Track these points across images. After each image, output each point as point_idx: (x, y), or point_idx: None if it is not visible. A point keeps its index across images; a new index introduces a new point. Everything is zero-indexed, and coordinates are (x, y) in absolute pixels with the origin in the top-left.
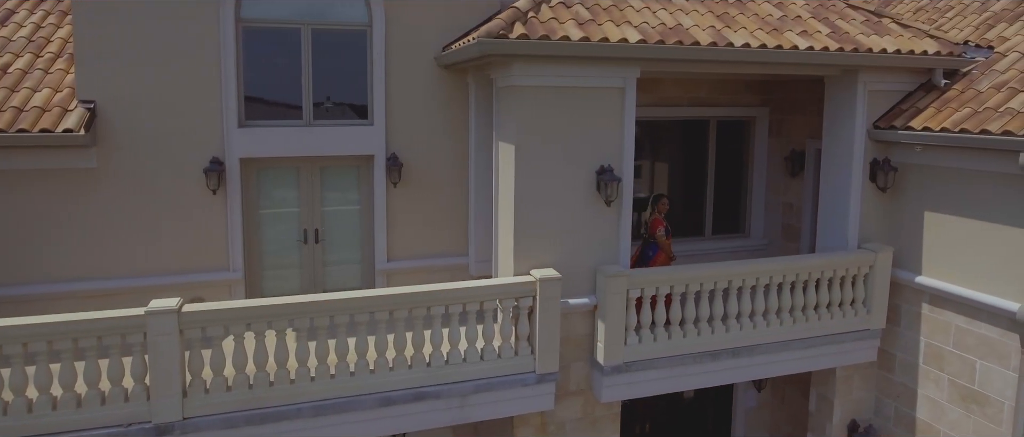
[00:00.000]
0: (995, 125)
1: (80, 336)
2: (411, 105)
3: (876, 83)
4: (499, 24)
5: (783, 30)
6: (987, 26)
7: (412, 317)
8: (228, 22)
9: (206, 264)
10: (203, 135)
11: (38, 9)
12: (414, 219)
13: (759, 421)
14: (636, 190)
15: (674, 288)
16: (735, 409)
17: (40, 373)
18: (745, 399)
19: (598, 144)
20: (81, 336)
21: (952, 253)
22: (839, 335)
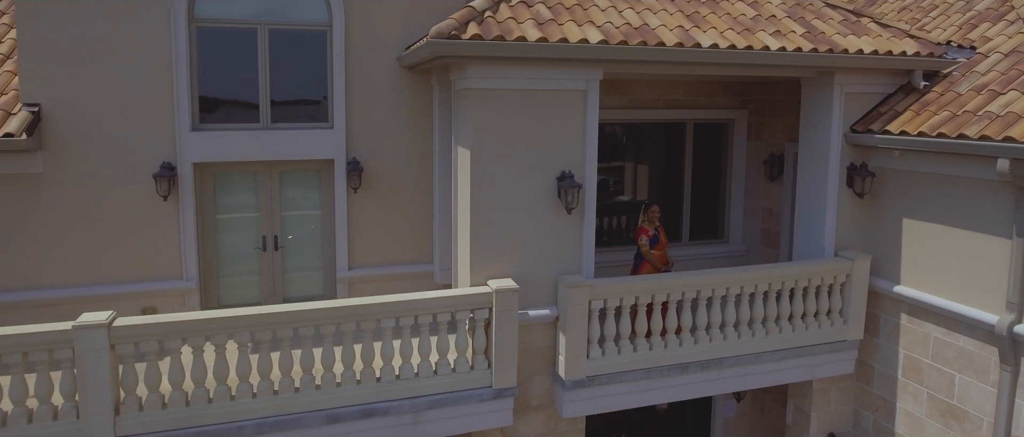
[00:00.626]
0: (973, 129)
1: (5, 352)
2: (373, 108)
3: (853, 85)
4: (451, 24)
5: (755, 30)
6: (970, 26)
7: (361, 330)
8: (180, 22)
9: (158, 273)
10: (154, 139)
11: None
12: (376, 225)
13: (738, 431)
14: (607, 196)
15: (640, 299)
16: (714, 419)
17: None
18: (724, 409)
19: (559, 149)
20: (6, 352)
21: (931, 262)
22: (814, 347)
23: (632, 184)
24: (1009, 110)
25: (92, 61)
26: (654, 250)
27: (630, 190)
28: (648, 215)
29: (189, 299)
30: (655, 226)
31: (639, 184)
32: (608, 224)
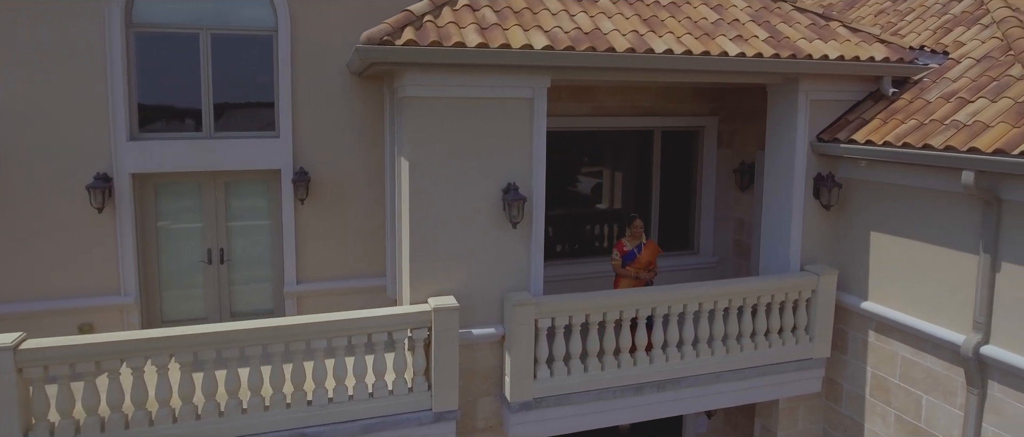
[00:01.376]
0: (938, 139)
1: None
2: (321, 115)
3: (819, 92)
4: (384, 29)
5: (715, 35)
6: (945, 30)
7: (290, 351)
8: (116, 26)
9: (95, 288)
10: (88, 149)
11: None
12: (325, 238)
13: None
14: (585, 204)
15: (591, 317)
16: (684, 436)
17: None
18: (695, 426)
19: (504, 160)
20: None
21: (898, 278)
22: (779, 365)
23: (600, 193)
24: (976, 119)
25: (19, 67)
26: (630, 266)
27: (598, 199)
28: (631, 229)
29: (128, 315)
30: (637, 241)
31: (606, 193)
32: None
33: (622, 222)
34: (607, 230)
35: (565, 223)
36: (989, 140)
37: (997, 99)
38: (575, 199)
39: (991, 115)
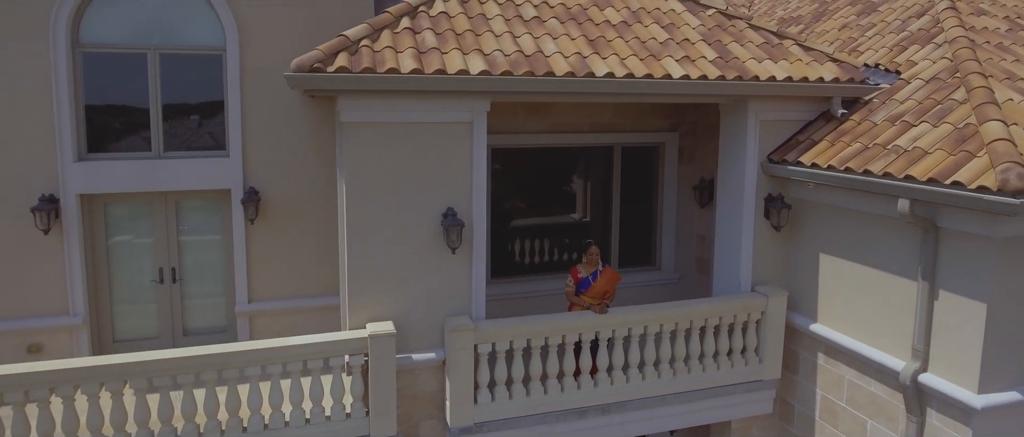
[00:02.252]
0: (878, 165)
1: None
2: (272, 135)
3: (769, 113)
4: (315, 56)
5: (661, 56)
6: (901, 48)
7: (223, 378)
8: (61, 46)
9: (42, 309)
10: (33, 170)
11: None
12: (277, 257)
13: None
14: (528, 221)
15: (533, 341)
16: None
17: None
18: None
19: (443, 185)
20: None
21: (845, 301)
22: (728, 387)
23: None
24: (916, 145)
25: None
26: (584, 294)
27: (559, 215)
28: (587, 256)
29: (77, 335)
30: (593, 268)
31: (564, 209)
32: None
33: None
34: (570, 245)
35: (527, 239)
36: (925, 168)
37: (938, 124)
38: (537, 215)
39: (930, 141)
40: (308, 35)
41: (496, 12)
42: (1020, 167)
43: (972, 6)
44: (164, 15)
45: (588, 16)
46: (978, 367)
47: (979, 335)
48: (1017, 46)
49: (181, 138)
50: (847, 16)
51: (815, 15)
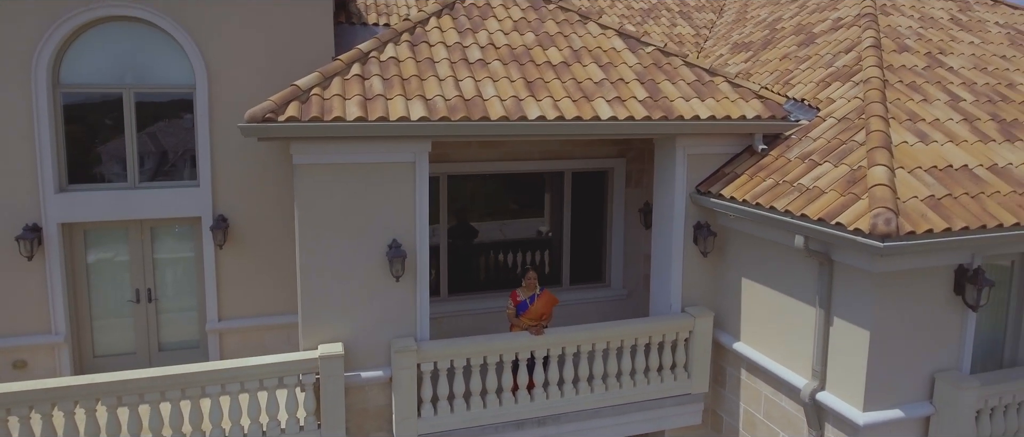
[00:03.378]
0: (782, 202)
1: None
2: (239, 166)
3: (696, 147)
4: (267, 106)
5: (594, 97)
6: (825, 84)
7: (186, 396)
8: (42, 87)
9: (27, 328)
10: (17, 201)
11: None
12: (245, 278)
13: None
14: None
15: (472, 360)
16: None
17: None
18: None
19: (389, 219)
20: None
21: (762, 322)
22: (659, 400)
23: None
24: (816, 184)
25: None
26: (523, 316)
27: (513, 236)
28: (525, 281)
29: (59, 352)
30: (531, 292)
31: (518, 230)
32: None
33: (543, 252)
34: (526, 262)
35: (485, 257)
36: (818, 207)
37: (838, 165)
38: (494, 236)
39: (828, 181)
40: (273, 73)
41: (443, 55)
42: (889, 213)
43: (897, 42)
44: (138, 57)
45: (531, 57)
46: (863, 387)
47: (863, 359)
48: (929, 85)
49: (155, 170)
50: (789, 46)
51: (764, 42)
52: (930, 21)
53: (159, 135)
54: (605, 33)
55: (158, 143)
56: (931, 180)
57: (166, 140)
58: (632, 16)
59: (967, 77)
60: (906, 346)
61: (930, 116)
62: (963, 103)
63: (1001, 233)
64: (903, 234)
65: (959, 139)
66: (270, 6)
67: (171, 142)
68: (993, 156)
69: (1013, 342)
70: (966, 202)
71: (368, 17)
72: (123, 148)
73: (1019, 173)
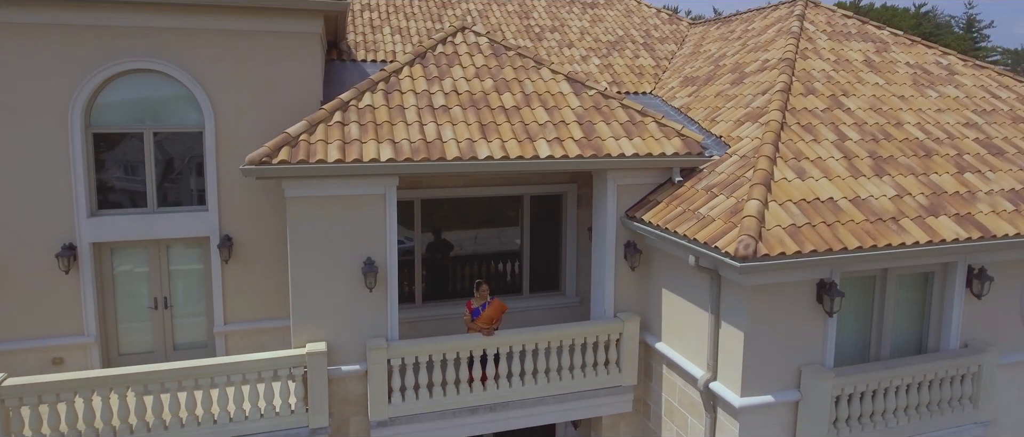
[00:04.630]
0: (684, 227)
1: None
2: (241, 194)
3: (624, 179)
4: (264, 152)
5: (537, 138)
6: (740, 123)
7: (198, 385)
8: (77, 129)
9: (64, 330)
10: (55, 224)
11: None
12: (247, 289)
13: None
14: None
15: (433, 356)
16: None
17: None
18: (565, 434)
19: (364, 240)
20: None
21: (676, 325)
22: (594, 391)
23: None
24: (710, 213)
25: (6, 161)
26: (477, 321)
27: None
28: (478, 292)
29: (90, 350)
30: (483, 301)
31: (485, 245)
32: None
33: (507, 263)
34: (491, 273)
35: (455, 269)
36: (706, 232)
37: (729, 197)
38: (464, 250)
39: (719, 211)
40: (270, 114)
41: (412, 102)
42: (750, 239)
43: (806, 86)
44: (157, 103)
45: (487, 102)
46: (740, 377)
47: (740, 354)
48: (823, 125)
49: (170, 196)
50: (724, 84)
51: (707, 78)
52: (844, 63)
53: (174, 168)
54: (555, 78)
55: (173, 173)
56: (797, 211)
57: (180, 172)
58: (599, 48)
59: (860, 117)
60: (776, 344)
61: (814, 154)
62: (848, 142)
63: (847, 255)
64: (759, 256)
65: (833, 175)
66: (267, 60)
67: (184, 173)
68: (858, 189)
69: (878, 341)
70: (821, 229)
71: (357, 54)
72: (143, 179)
73: (877, 204)
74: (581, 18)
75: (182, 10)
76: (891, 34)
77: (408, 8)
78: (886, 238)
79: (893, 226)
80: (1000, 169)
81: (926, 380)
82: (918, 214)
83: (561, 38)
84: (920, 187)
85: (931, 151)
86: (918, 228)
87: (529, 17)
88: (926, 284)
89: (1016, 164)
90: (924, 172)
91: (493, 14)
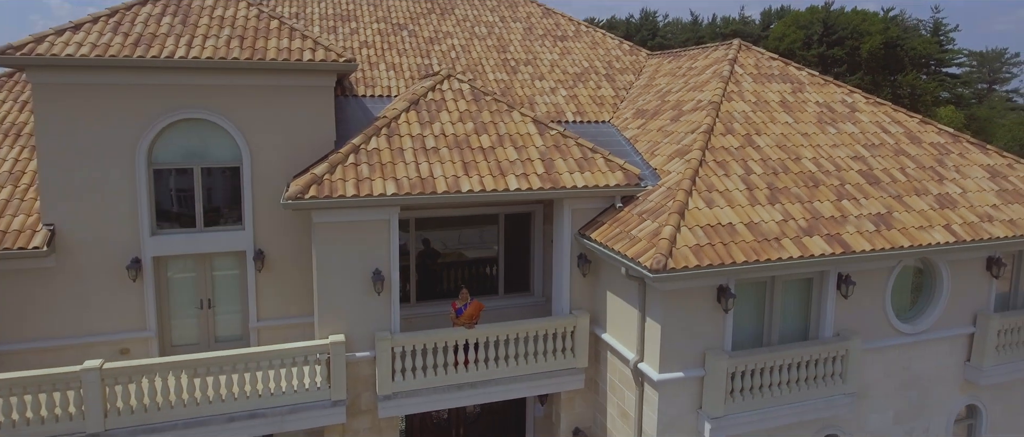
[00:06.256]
0: (618, 245)
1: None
2: (272, 216)
3: (577, 204)
4: (297, 189)
5: (507, 173)
6: (671, 158)
7: (246, 367)
8: (142, 165)
9: (130, 327)
10: (126, 242)
11: (16, 144)
12: (276, 292)
13: (544, 426)
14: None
15: (427, 345)
16: (527, 415)
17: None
18: (535, 410)
19: (373, 255)
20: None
21: (617, 320)
22: (554, 372)
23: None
24: (638, 234)
25: (86, 194)
26: (460, 318)
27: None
28: (460, 295)
29: (150, 342)
30: (464, 302)
31: (470, 251)
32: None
33: (486, 269)
34: (475, 277)
35: (447, 273)
36: (633, 250)
37: (653, 221)
38: (453, 258)
39: (644, 232)
40: (293, 150)
41: (409, 145)
42: (662, 257)
43: (726, 126)
44: (204, 143)
45: (468, 143)
46: (658, 358)
47: (658, 341)
48: (734, 161)
49: (214, 218)
50: (665, 120)
51: (653, 112)
52: (762, 104)
53: (217, 195)
54: (524, 120)
55: (217, 200)
56: (701, 234)
57: (222, 197)
58: (566, 80)
59: (767, 154)
60: (686, 334)
61: (723, 187)
62: (752, 175)
63: (736, 267)
64: (668, 269)
65: (735, 204)
66: (291, 108)
67: (225, 200)
68: (752, 215)
69: (769, 330)
70: (719, 248)
71: (358, 89)
72: (193, 205)
73: (765, 227)
74: (552, 51)
75: (226, 72)
76: (809, 75)
77: (400, 45)
78: (768, 254)
79: (775, 244)
80: (872, 196)
81: (804, 360)
82: (797, 234)
83: (533, 71)
84: (803, 212)
85: (819, 181)
86: (794, 246)
87: (506, 51)
88: (808, 287)
89: (887, 192)
90: (809, 200)
91: (474, 49)
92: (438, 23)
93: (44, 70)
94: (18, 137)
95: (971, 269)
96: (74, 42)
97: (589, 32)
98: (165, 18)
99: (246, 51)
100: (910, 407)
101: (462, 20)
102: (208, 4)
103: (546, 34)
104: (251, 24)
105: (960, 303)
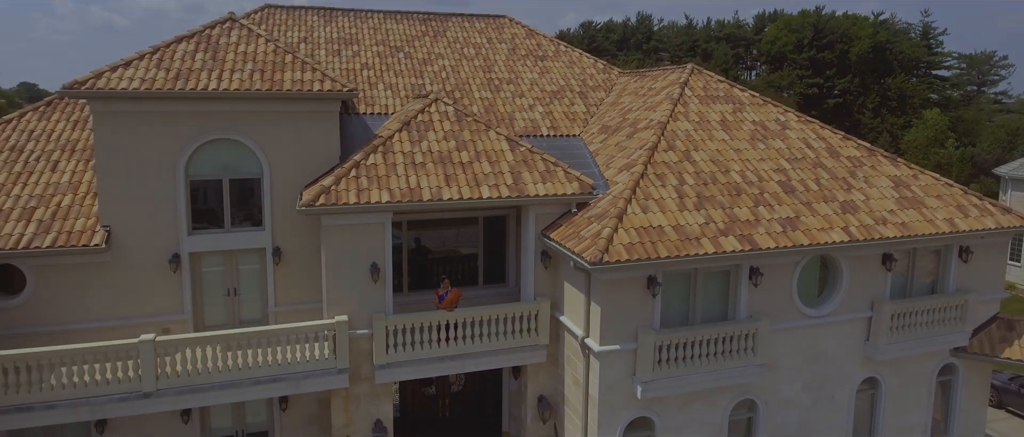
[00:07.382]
0: (570, 243)
1: (118, 353)
2: (288, 217)
3: (541, 209)
4: (310, 197)
5: (482, 184)
6: (620, 170)
7: (269, 342)
8: (181, 177)
9: (170, 310)
10: (168, 241)
11: (71, 158)
12: (291, 282)
13: (517, 398)
14: (435, 255)
15: (415, 324)
16: (503, 388)
17: (81, 371)
18: (510, 383)
19: (371, 252)
20: (116, 354)
21: (570, 304)
22: (521, 348)
23: (454, 248)
24: (586, 234)
25: (136, 201)
26: (442, 304)
27: (453, 251)
28: (442, 284)
29: (186, 323)
30: (445, 290)
31: (458, 247)
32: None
33: (468, 263)
34: (460, 270)
35: (435, 266)
36: (580, 247)
37: (599, 224)
38: (440, 253)
39: (590, 233)
40: (304, 164)
41: (401, 160)
42: (599, 252)
43: (669, 143)
44: (231, 159)
45: (450, 159)
46: (599, 334)
47: (599, 320)
48: (672, 174)
49: (239, 220)
50: (622, 137)
51: (614, 128)
52: (704, 124)
53: (242, 201)
54: (498, 138)
55: (242, 204)
56: (635, 234)
57: (246, 203)
58: (544, 97)
59: (701, 167)
60: (621, 314)
61: (658, 196)
62: (685, 186)
63: (661, 261)
64: (604, 262)
65: (667, 210)
66: (303, 128)
67: (248, 205)
68: (680, 219)
69: (693, 313)
70: (648, 245)
71: (359, 107)
72: (222, 210)
73: (689, 229)
74: (532, 70)
75: (249, 100)
76: (750, 96)
77: (397, 66)
78: (687, 250)
79: (695, 242)
80: (786, 203)
81: (720, 337)
82: (714, 234)
83: (515, 89)
84: (723, 216)
85: (742, 191)
86: (710, 243)
87: (491, 71)
88: (726, 278)
89: (800, 200)
90: (730, 206)
91: (463, 69)
92: (431, 45)
93: (102, 100)
94: (73, 152)
95: (869, 263)
96: (127, 77)
97: (567, 52)
98: (198, 54)
99: (266, 83)
100: (817, 378)
101: (453, 42)
102: (233, 41)
103: (528, 54)
104: (269, 58)
105: (859, 291)
